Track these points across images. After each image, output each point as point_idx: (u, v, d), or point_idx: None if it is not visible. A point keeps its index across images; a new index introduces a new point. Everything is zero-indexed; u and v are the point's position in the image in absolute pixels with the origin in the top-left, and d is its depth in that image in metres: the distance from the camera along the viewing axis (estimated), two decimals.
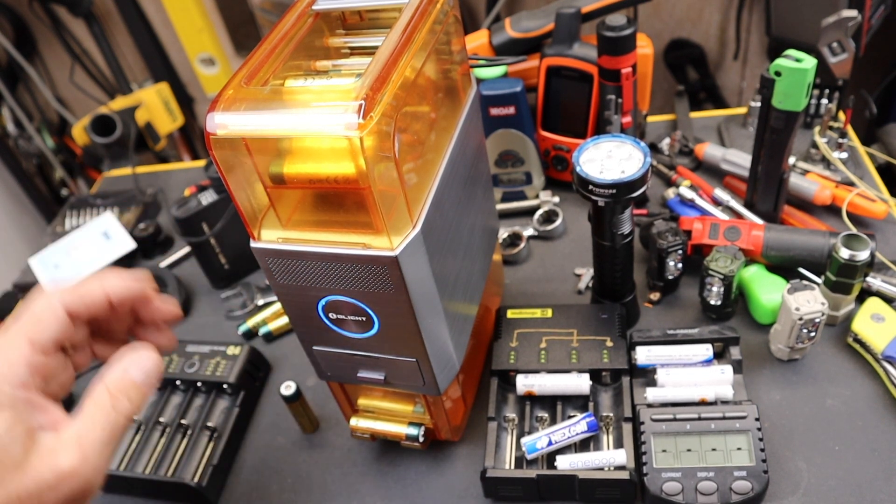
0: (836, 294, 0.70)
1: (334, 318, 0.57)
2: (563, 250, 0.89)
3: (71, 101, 1.91)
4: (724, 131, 0.98)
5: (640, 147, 0.64)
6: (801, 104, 0.71)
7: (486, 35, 0.91)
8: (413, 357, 0.58)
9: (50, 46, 1.82)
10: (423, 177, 0.54)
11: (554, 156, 0.93)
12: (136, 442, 0.76)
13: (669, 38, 1.61)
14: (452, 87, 0.61)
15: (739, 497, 0.58)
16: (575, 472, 0.61)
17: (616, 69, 0.79)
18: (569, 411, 0.69)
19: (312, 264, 0.52)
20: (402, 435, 0.67)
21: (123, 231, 1.04)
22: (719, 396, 0.65)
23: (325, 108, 0.45)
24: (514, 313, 0.74)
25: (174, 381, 0.79)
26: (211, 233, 0.90)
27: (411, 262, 0.51)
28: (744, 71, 1.62)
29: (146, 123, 1.44)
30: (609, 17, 0.76)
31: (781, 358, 0.71)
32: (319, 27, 0.58)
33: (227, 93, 0.48)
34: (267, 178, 0.50)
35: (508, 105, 0.86)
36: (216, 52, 1.71)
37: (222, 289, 0.95)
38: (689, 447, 0.61)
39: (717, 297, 0.73)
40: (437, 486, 0.68)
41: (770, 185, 0.79)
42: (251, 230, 0.53)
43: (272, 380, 0.82)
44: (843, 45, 0.82)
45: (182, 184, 1.17)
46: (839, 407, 0.67)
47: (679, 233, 0.76)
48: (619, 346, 0.69)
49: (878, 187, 0.86)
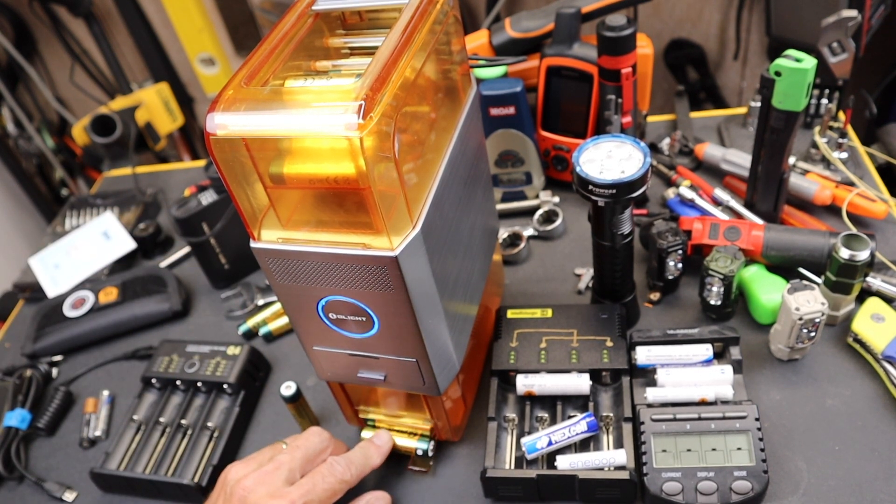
0: (836, 294, 0.70)
1: (334, 318, 0.57)
2: (563, 250, 0.89)
3: (71, 101, 1.91)
4: (724, 131, 0.98)
5: (640, 147, 0.64)
6: (801, 104, 0.71)
7: (486, 35, 0.91)
8: (413, 357, 0.58)
9: (50, 46, 1.82)
10: (423, 177, 0.54)
11: (554, 156, 0.93)
12: (137, 442, 0.76)
13: (669, 38, 1.61)
14: (452, 87, 0.61)
15: (739, 497, 0.58)
16: (575, 472, 0.61)
17: (616, 69, 0.79)
18: (569, 411, 0.69)
19: (312, 264, 0.52)
20: (413, 450, 0.68)
21: (123, 231, 1.04)
22: (719, 396, 0.65)
23: (325, 108, 0.45)
24: (514, 313, 0.74)
25: (174, 381, 0.79)
26: (211, 233, 0.90)
27: (411, 262, 0.51)
28: (744, 71, 1.62)
29: (146, 123, 1.44)
30: (609, 17, 0.76)
31: (781, 358, 0.71)
32: (319, 27, 0.58)
33: (227, 93, 0.48)
34: (267, 178, 0.50)
35: (508, 105, 0.86)
36: (216, 52, 1.71)
37: (222, 289, 0.95)
38: (689, 447, 0.61)
39: (717, 297, 0.73)
40: (438, 486, 0.68)
41: (770, 185, 0.79)
42: (251, 230, 0.53)
43: (272, 380, 0.82)
44: (843, 45, 0.82)
45: (182, 184, 1.17)
46: (839, 407, 0.67)
47: (679, 233, 0.77)
48: (619, 346, 0.69)
49: (878, 187, 0.86)
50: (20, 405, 0.82)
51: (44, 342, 0.90)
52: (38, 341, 0.91)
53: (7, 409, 0.81)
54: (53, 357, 0.91)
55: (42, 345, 0.90)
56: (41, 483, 0.76)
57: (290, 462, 0.59)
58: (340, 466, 0.61)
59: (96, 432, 0.80)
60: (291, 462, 0.59)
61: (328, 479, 0.60)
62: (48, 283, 1.00)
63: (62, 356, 0.91)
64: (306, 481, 0.58)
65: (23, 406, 0.82)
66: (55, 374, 0.89)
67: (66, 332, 0.90)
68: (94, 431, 0.80)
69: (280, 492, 0.57)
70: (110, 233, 1.05)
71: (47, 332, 0.91)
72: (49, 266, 1.02)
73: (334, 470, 0.60)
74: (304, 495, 0.57)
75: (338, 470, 0.61)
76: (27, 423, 0.81)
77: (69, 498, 0.75)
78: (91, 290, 0.94)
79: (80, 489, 0.75)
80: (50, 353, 0.91)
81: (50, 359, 0.90)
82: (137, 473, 0.72)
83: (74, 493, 0.75)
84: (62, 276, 1.00)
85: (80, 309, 0.92)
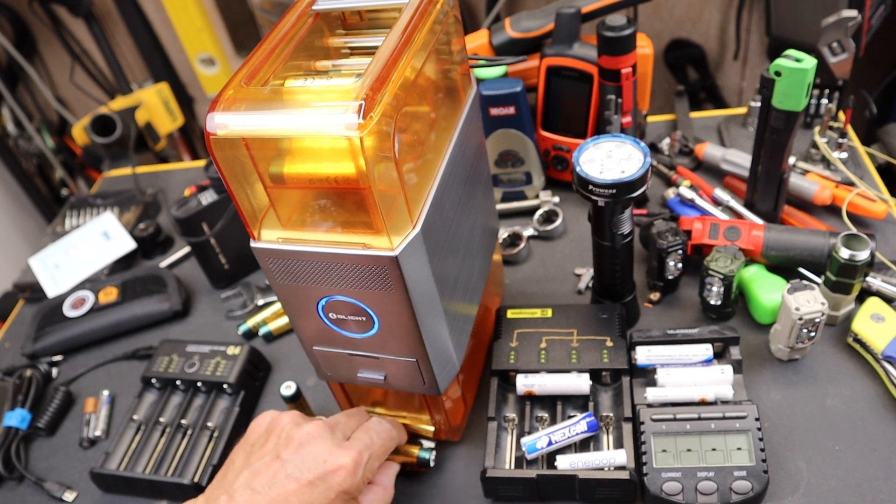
0: (836, 294, 0.70)
1: (334, 318, 0.57)
2: (563, 250, 0.89)
3: (71, 101, 1.91)
4: (724, 131, 0.98)
5: (640, 147, 0.64)
6: (801, 104, 0.71)
7: (486, 35, 0.91)
8: (413, 357, 0.58)
9: (50, 46, 1.82)
10: (423, 177, 0.54)
11: (554, 156, 0.93)
12: (137, 442, 0.76)
13: (669, 38, 1.61)
14: (452, 87, 0.61)
15: (739, 497, 0.58)
16: (575, 472, 0.61)
17: (616, 69, 0.79)
18: (569, 411, 0.69)
19: (312, 264, 0.52)
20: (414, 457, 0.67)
21: (123, 231, 1.04)
22: (719, 396, 0.65)
23: (325, 108, 0.45)
24: (514, 313, 0.74)
25: (174, 381, 0.79)
26: (211, 233, 0.90)
27: (411, 262, 0.51)
28: (744, 71, 1.62)
29: (146, 123, 1.44)
30: (609, 17, 0.76)
31: (781, 358, 0.71)
32: (319, 27, 0.58)
33: (227, 93, 0.48)
34: (267, 178, 0.50)
35: (508, 105, 0.86)
36: (216, 52, 1.71)
37: (222, 289, 0.95)
38: (689, 447, 0.61)
39: (717, 297, 0.73)
40: (437, 486, 0.68)
41: (770, 185, 0.79)
42: (251, 230, 0.53)
43: (272, 380, 0.82)
44: (843, 45, 0.82)
45: (182, 184, 1.17)
46: (839, 407, 0.67)
47: (679, 233, 0.76)
48: (619, 346, 0.69)
49: (878, 187, 0.86)
50: (20, 405, 0.82)
51: (44, 342, 0.90)
52: (38, 341, 0.91)
53: (7, 409, 0.81)
54: (53, 357, 0.91)
55: (42, 345, 0.90)
56: (41, 483, 0.76)
57: (345, 422, 0.59)
58: (388, 423, 0.61)
59: (96, 432, 0.80)
60: (347, 423, 0.59)
61: (382, 434, 0.59)
62: (48, 283, 1.00)
63: (62, 356, 0.91)
64: (362, 435, 0.58)
65: (23, 406, 0.82)
66: (55, 374, 0.89)
67: (66, 332, 0.90)
68: (94, 431, 0.80)
69: (343, 444, 0.56)
70: (110, 233, 1.05)
71: (47, 332, 0.91)
72: (49, 266, 1.02)
73: (384, 426, 0.60)
74: (366, 448, 0.57)
75: (386, 426, 0.61)
76: (27, 423, 0.81)
77: (69, 498, 0.75)
78: (91, 290, 0.94)
79: (80, 489, 0.75)
80: (50, 353, 0.91)
81: (50, 359, 0.90)
82: (137, 473, 0.72)
83: (74, 493, 0.75)
84: (62, 276, 1.00)
85: (80, 309, 0.92)
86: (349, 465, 0.54)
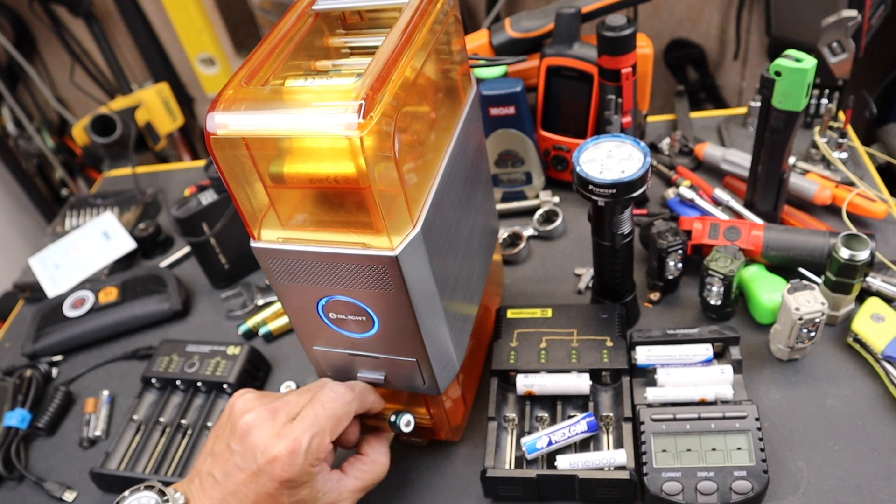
0: (836, 294, 0.70)
1: (334, 318, 0.57)
2: (563, 250, 0.89)
3: (71, 101, 1.91)
4: (724, 131, 0.98)
5: (640, 147, 0.64)
6: (801, 104, 0.71)
7: (486, 35, 0.91)
8: (413, 357, 0.58)
9: (50, 46, 1.82)
10: (423, 177, 0.54)
11: (554, 156, 0.93)
12: (137, 442, 0.76)
13: (669, 38, 1.61)
14: (452, 87, 0.61)
15: (739, 497, 0.58)
16: (575, 472, 0.61)
17: (616, 69, 0.79)
18: (569, 411, 0.69)
19: (312, 264, 0.52)
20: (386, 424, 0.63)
21: (123, 231, 1.04)
22: (719, 396, 0.65)
23: (325, 107, 0.45)
24: (514, 313, 0.74)
25: (174, 381, 0.79)
26: (211, 233, 0.90)
27: (411, 262, 0.51)
28: (744, 71, 1.62)
29: (146, 123, 1.44)
30: (609, 17, 0.76)
31: (781, 358, 0.71)
32: (319, 27, 0.58)
33: (227, 93, 0.48)
34: (267, 178, 0.50)
35: (508, 105, 0.86)
36: (216, 52, 1.71)
37: (222, 289, 0.95)
38: (689, 447, 0.61)
39: (717, 297, 0.73)
40: (437, 486, 0.68)
41: (770, 185, 0.79)
42: (251, 230, 0.53)
43: (272, 380, 0.82)
44: (843, 45, 0.82)
45: (182, 184, 1.17)
46: (839, 407, 0.67)
47: (679, 233, 0.77)
48: (619, 346, 0.69)
49: (878, 187, 0.86)
50: (20, 405, 0.82)
51: (44, 342, 0.90)
52: (38, 341, 0.91)
53: (7, 409, 0.81)
54: (53, 357, 0.91)
55: (42, 345, 0.90)
56: (41, 483, 0.76)
57: (295, 401, 0.55)
58: (341, 388, 0.57)
59: (96, 432, 0.80)
60: (297, 402, 0.55)
61: (330, 406, 0.55)
62: (48, 283, 1.00)
63: (62, 356, 0.91)
64: (307, 413, 0.54)
65: (23, 406, 0.82)
66: (55, 374, 0.89)
67: (66, 332, 0.90)
68: (94, 431, 0.80)
69: (281, 431, 0.53)
70: (110, 233, 1.05)
71: (47, 332, 0.91)
72: (49, 266, 1.02)
73: (335, 393, 0.56)
74: (308, 428, 0.53)
75: (338, 393, 0.56)
76: (27, 422, 0.81)
77: (69, 498, 0.75)
78: (91, 290, 0.94)
79: (80, 489, 0.75)
80: (50, 353, 0.91)
81: (50, 359, 0.90)
82: (137, 473, 0.72)
83: (74, 493, 0.75)
84: (62, 276, 1.00)
85: (80, 309, 0.92)
86: (283, 456, 0.52)
